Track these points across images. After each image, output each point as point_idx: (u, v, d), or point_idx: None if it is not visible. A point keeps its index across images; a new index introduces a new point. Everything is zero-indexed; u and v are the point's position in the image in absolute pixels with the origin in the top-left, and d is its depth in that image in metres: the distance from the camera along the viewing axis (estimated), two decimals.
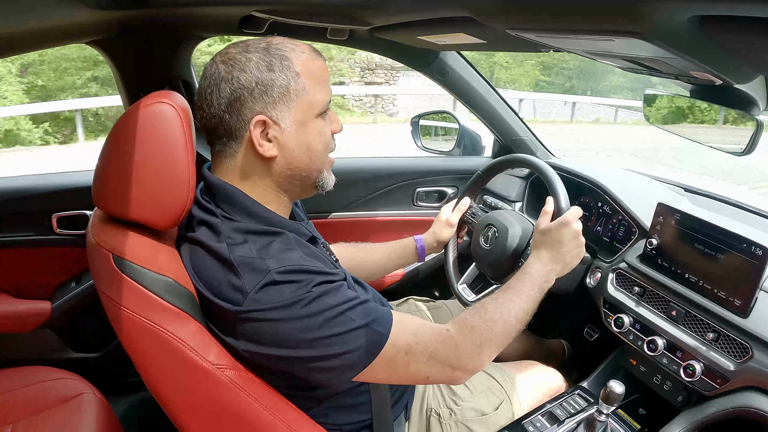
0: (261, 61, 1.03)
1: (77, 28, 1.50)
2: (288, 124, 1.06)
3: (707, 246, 1.31)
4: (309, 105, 1.08)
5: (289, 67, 1.04)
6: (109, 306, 1.06)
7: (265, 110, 1.04)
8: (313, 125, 1.10)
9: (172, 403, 1.08)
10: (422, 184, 2.30)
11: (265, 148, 1.06)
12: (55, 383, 1.56)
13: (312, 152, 1.11)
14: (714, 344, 1.25)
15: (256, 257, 1.00)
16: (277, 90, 1.04)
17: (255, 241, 1.03)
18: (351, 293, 1.04)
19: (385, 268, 1.75)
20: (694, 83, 1.19)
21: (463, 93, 2.16)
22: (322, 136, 1.12)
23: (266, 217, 1.09)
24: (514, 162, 1.70)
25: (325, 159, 1.15)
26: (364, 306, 1.03)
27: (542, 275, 1.32)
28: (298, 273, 0.99)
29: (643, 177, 1.89)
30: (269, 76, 1.03)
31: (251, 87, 1.02)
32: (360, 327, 1.01)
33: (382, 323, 1.04)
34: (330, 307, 0.99)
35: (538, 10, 1.01)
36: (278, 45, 1.06)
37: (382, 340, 1.02)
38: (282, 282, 0.97)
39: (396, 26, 1.55)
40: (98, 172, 1.06)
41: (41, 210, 1.83)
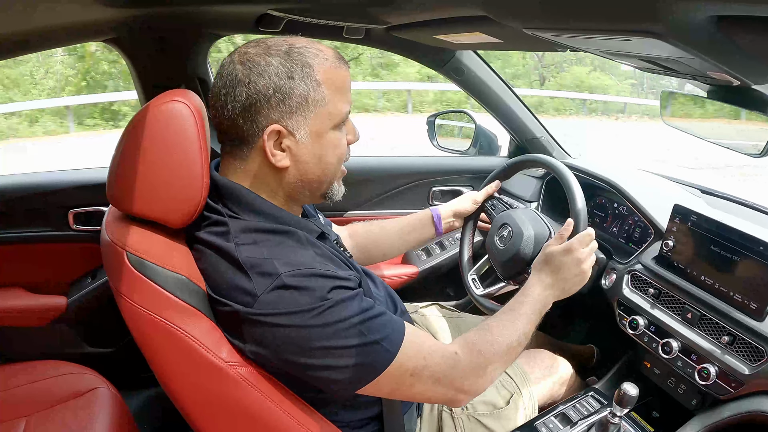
0: (281, 67, 0.99)
1: (94, 26, 1.52)
2: (303, 135, 1.03)
3: (724, 248, 1.30)
4: (327, 116, 1.04)
5: (311, 75, 1.01)
6: (123, 303, 1.07)
7: (280, 119, 1.01)
8: (330, 137, 1.07)
9: (184, 400, 1.09)
10: (438, 184, 2.30)
11: (277, 158, 1.03)
12: (69, 377, 1.57)
13: (325, 165, 1.08)
14: (729, 348, 1.24)
15: (265, 259, 0.98)
16: (295, 99, 1.00)
17: (264, 240, 1.02)
18: (366, 303, 1.02)
19: (402, 244, 1.69)
20: (711, 84, 1.18)
21: (479, 92, 2.16)
22: (337, 148, 1.09)
23: (275, 215, 1.07)
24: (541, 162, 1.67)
25: (337, 171, 1.13)
26: (377, 319, 1.02)
27: (542, 299, 1.29)
28: (311, 277, 0.98)
29: (660, 178, 1.88)
30: (288, 84, 0.99)
31: (268, 94, 0.99)
32: (370, 343, 0.99)
33: (393, 341, 1.02)
34: (343, 318, 0.97)
35: (555, 9, 1.01)
36: (301, 49, 1.01)
37: (390, 358, 1.01)
38: (293, 287, 0.96)
39: (412, 25, 1.55)
40: (112, 169, 1.07)
41: (58, 206, 1.85)
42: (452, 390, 1.10)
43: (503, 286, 1.66)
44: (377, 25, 1.58)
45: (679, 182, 1.84)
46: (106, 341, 2.00)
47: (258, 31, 1.64)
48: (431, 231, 1.69)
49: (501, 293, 1.68)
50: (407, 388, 1.05)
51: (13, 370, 1.61)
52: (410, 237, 1.69)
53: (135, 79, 1.77)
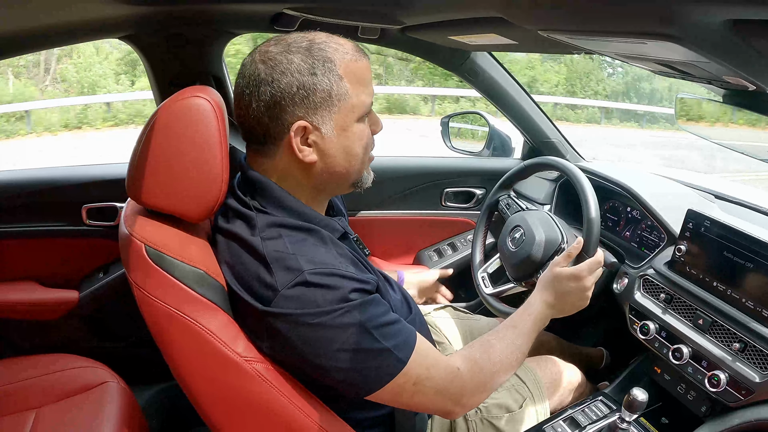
0: (303, 64, 0.99)
1: (110, 23, 1.53)
2: (329, 129, 1.04)
3: (737, 255, 1.29)
4: (351, 109, 1.05)
5: (332, 69, 1.01)
6: (140, 296, 1.07)
7: (306, 115, 1.01)
8: (354, 129, 1.07)
9: (198, 394, 1.10)
10: (451, 185, 2.30)
11: (304, 153, 1.04)
12: (79, 371, 1.58)
13: (352, 156, 1.09)
14: (740, 355, 1.23)
15: (289, 254, 0.99)
16: (319, 95, 1.00)
17: (288, 236, 1.03)
18: (381, 308, 1.03)
19: None
20: (727, 88, 1.17)
21: (493, 94, 2.15)
22: (363, 139, 1.10)
23: (301, 211, 1.08)
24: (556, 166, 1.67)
25: (365, 160, 1.13)
26: (392, 327, 1.02)
27: (542, 318, 1.30)
28: (332, 276, 0.98)
29: (673, 182, 1.86)
30: (311, 80, 1.00)
31: (292, 91, 0.99)
32: (383, 350, 0.99)
33: (404, 349, 1.02)
34: (359, 322, 0.98)
35: (571, 11, 1.00)
36: (321, 45, 1.02)
37: (400, 366, 1.01)
38: (314, 284, 0.96)
39: (428, 25, 1.55)
40: (132, 164, 1.07)
41: (72, 201, 1.87)
42: (450, 402, 1.10)
43: (512, 287, 1.67)
44: (393, 25, 1.58)
45: (692, 187, 1.83)
46: (117, 336, 2.01)
47: (273, 30, 1.65)
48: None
49: (509, 294, 1.68)
50: (408, 397, 1.06)
51: (25, 362, 1.63)
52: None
53: (150, 76, 1.79)
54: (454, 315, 1.80)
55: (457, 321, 1.76)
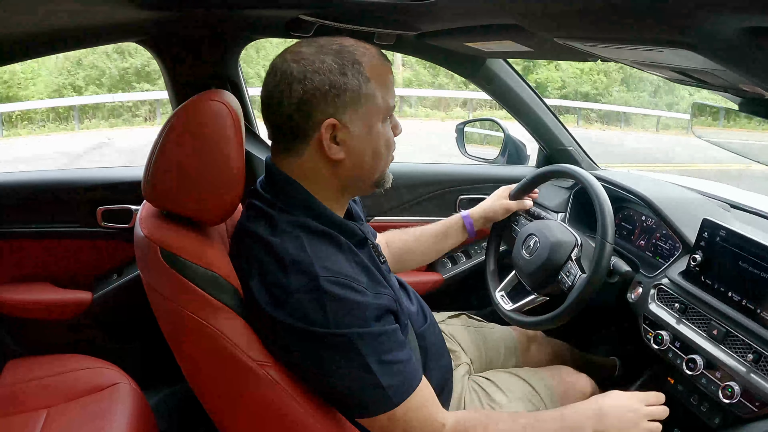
0: (335, 64, 1.03)
1: (128, 26, 1.55)
2: (357, 128, 1.06)
3: (753, 265, 1.28)
4: (377, 109, 1.08)
5: (361, 71, 1.04)
6: (155, 299, 1.08)
7: (335, 114, 1.04)
8: (379, 129, 1.10)
9: (211, 397, 1.11)
10: (466, 192, 2.30)
11: (333, 150, 1.06)
12: (91, 372, 1.60)
13: (377, 156, 1.12)
14: (754, 366, 1.22)
15: (306, 256, 1.01)
16: (348, 94, 1.04)
17: (307, 238, 1.04)
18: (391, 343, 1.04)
19: (436, 251, 1.74)
20: (744, 96, 1.17)
21: (508, 101, 2.15)
22: (386, 139, 1.13)
23: (323, 213, 1.10)
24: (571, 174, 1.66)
25: (387, 160, 1.17)
26: (395, 366, 1.03)
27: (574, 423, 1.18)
28: (346, 289, 1.00)
29: (689, 191, 1.85)
30: (342, 80, 1.03)
31: (324, 90, 1.02)
32: (377, 385, 1.01)
33: (399, 392, 1.03)
34: (363, 352, 0.99)
35: (588, 19, 1.01)
36: (350, 48, 1.06)
37: (388, 407, 1.02)
38: (328, 293, 0.98)
39: (443, 32, 1.56)
40: (149, 167, 1.08)
41: (87, 203, 1.89)
42: None
43: (533, 298, 1.66)
44: (408, 32, 1.59)
45: (708, 196, 1.82)
46: (129, 337, 2.03)
47: (289, 35, 1.66)
48: (464, 236, 1.73)
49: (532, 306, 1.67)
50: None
51: (37, 362, 1.64)
52: (444, 244, 1.73)
53: (167, 80, 1.80)
54: (468, 323, 1.79)
55: (471, 329, 1.76)
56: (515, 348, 1.78)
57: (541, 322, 1.54)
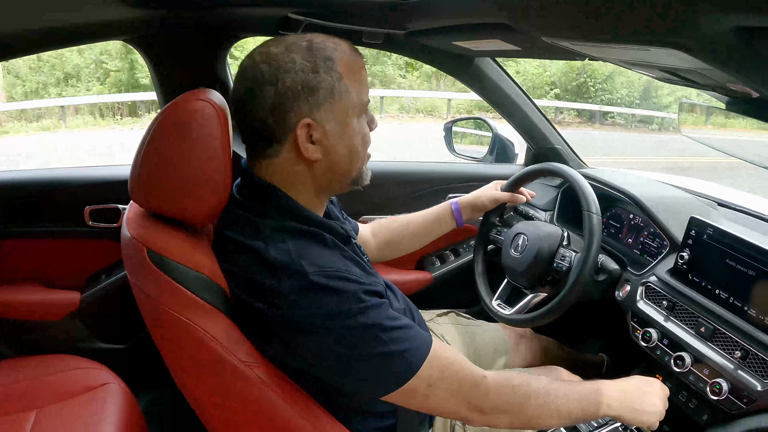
0: (305, 62, 1.01)
1: (116, 25, 1.54)
2: (332, 126, 1.05)
3: (740, 263, 1.29)
4: (351, 105, 1.06)
5: (333, 68, 1.03)
6: (142, 300, 1.07)
7: (310, 113, 1.02)
8: (355, 125, 1.09)
9: (200, 398, 1.10)
10: (454, 190, 2.30)
11: (310, 151, 1.04)
12: (80, 372, 1.59)
13: (353, 152, 1.11)
14: (742, 363, 1.23)
15: (293, 259, 0.99)
16: (322, 92, 1.02)
17: (292, 240, 1.02)
18: (392, 313, 1.03)
19: (423, 239, 1.72)
20: (731, 95, 1.17)
21: (497, 100, 2.16)
22: (362, 135, 1.12)
23: (304, 215, 1.08)
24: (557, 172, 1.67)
25: (364, 157, 1.15)
26: (403, 331, 1.02)
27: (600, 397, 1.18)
28: (338, 280, 0.98)
29: (676, 189, 1.86)
30: (314, 78, 1.01)
31: (297, 90, 1.00)
32: (393, 353, 0.99)
33: (417, 352, 1.01)
34: (368, 326, 0.98)
35: (576, 19, 1.01)
36: (320, 44, 1.04)
37: (413, 370, 1.00)
38: (320, 287, 0.96)
39: (432, 31, 1.56)
40: (135, 166, 1.07)
41: (74, 202, 1.88)
42: (466, 408, 1.07)
43: (531, 297, 1.66)
44: (397, 30, 1.59)
45: (696, 194, 1.83)
46: (119, 338, 2.02)
47: (277, 33, 1.65)
48: (452, 224, 1.71)
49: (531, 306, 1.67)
50: (421, 399, 1.05)
51: (26, 362, 1.63)
52: (432, 230, 1.72)
53: (155, 79, 1.79)
54: (457, 321, 1.79)
55: (460, 327, 1.76)
56: (505, 345, 1.78)
57: (547, 312, 1.52)
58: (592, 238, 1.45)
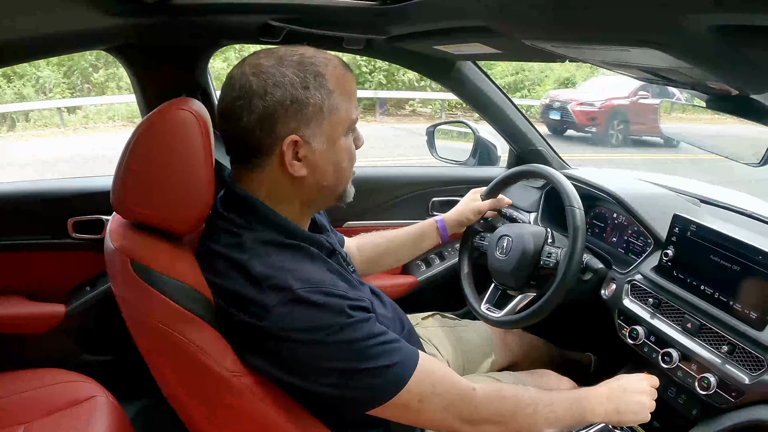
0: (296, 78, 1.00)
1: (96, 34, 1.52)
2: (319, 143, 1.04)
3: (723, 258, 1.30)
4: (339, 122, 1.06)
5: (323, 84, 1.02)
6: (127, 311, 1.06)
7: (298, 129, 1.01)
8: (342, 142, 1.08)
9: (187, 409, 1.09)
10: (437, 194, 2.30)
11: (295, 167, 1.03)
12: (67, 386, 1.56)
13: (340, 170, 1.10)
14: (729, 357, 1.24)
15: (278, 272, 0.98)
16: (311, 108, 1.01)
17: (277, 254, 1.02)
18: (378, 328, 1.02)
19: (408, 254, 1.72)
20: (711, 93, 1.19)
21: (478, 103, 2.16)
22: (349, 152, 1.11)
23: (288, 228, 1.07)
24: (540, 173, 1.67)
25: (350, 174, 1.14)
26: (390, 345, 1.01)
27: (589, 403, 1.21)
28: (323, 295, 0.98)
29: (659, 188, 1.88)
30: (304, 94, 1.00)
31: (286, 104, 0.99)
32: (381, 368, 0.98)
33: (405, 367, 1.01)
34: (355, 340, 0.97)
35: (556, 21, 1.01)
36: (311, 59, 1.03)
37: (401, 384, 1.00)
38: (306, 302, 0.96)
39: (412, 35, 1.56)
40: (117, 177, 1.06)
41: (57, 214, 1.85)
42: (458, 421, 1.08)
43: (521, 298, 1.65)
44: (378, 35, 1.59)
45: (678, 192, 1.84)
46: (105, 350, 1.99)
47: (258, 41, 1.65)
48: (437, 240, 1.72)
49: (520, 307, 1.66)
50: (415, 414, 1.05)
51: (12, 377, 1.60)
52: (417, 247, 1.72)
53: (136, 88, 1.78)
54: (442, 323, 1.79)
55: (446, 330, 1.75)
56: (492, 345, 1.78)
57: (537, 309, 1.52)
58: (577, 233, 1.46)
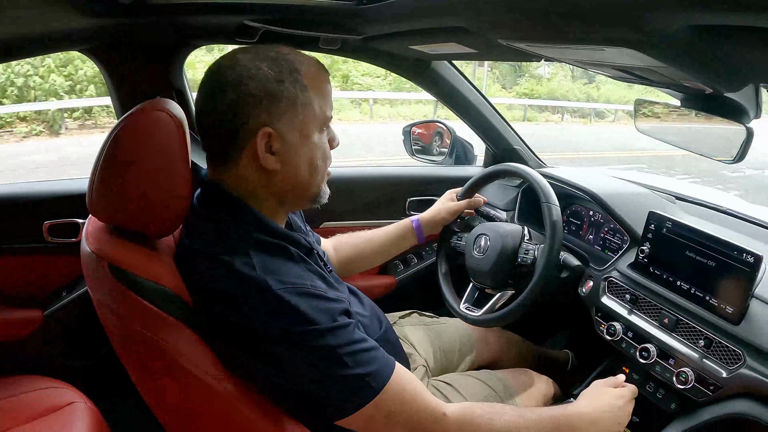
0: (270, 71, 1.00)
1: (70, 35, 1.50)
2: (293, 137, 1.04)
3: (699, 254, 1.32)
4: (313, 119, 1.06)
5: (298, 80, 1.02)
6: (105, 315, 1.05)
7: (271, 122, 1.01)
8: (316, 139, 1.08)
9: (167, 413, 1.08)
10: (415, 194, 2.30)
11: (268, 161, 1.03)
12: (45, 392, 1.54)
13: (314, 167, 1.09)
14: (706, 351, 1.25)
15: (258, 273, 0.97)
16: (284, 102, 1.01)
17: (256, 254, 1.01)
18: (357, 335, 1.01)
19: (384, 255, 1.73)
20: (685, 92, 1.20)
21: (454, 102, 2.17)
22: (323, 150, 1.11)
23: (268, 227, 1.07)
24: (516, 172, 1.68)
25: (324, 173, 1.14)
26: (366, 354, 1.01)
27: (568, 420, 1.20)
28: (304, 296, 0.97)
29: (634, 185, 1.90)
30: (278, 88, 1.00)
31: (260, 97, 0.99)
32: (354, 376, 0.98)
33: (378, 378, 1.00)
34: (332, 346, 0.96)
35: (530, 21, 1.02)
36: (287, 56, 1.04)
37: (370, 396, 0.99)
38: (287, 304, 0.95)
39: (388, 35, 1.56)
40: (93, 179, 1.04)
41: (33, 218, 1.82)
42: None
43: (499, 296, 1.65)
44: (353, 36, 1.58)
45: (653, 189, 1.86)
46: (83, 355, 1.96)
47: (234, 41, 1.64)
48: (413, 241, 1.73)
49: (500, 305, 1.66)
50: (379, 430, 1.04)
51: None
52: (393, 248, 1.73)
53: (111, 89, 1.75)
54: (420, 321, 1.79)
55: (423, 327, 1.76)
56: (471, 342, 1.79)
57: (516, 306, 1.52)
58: (554, 228, 1.47)
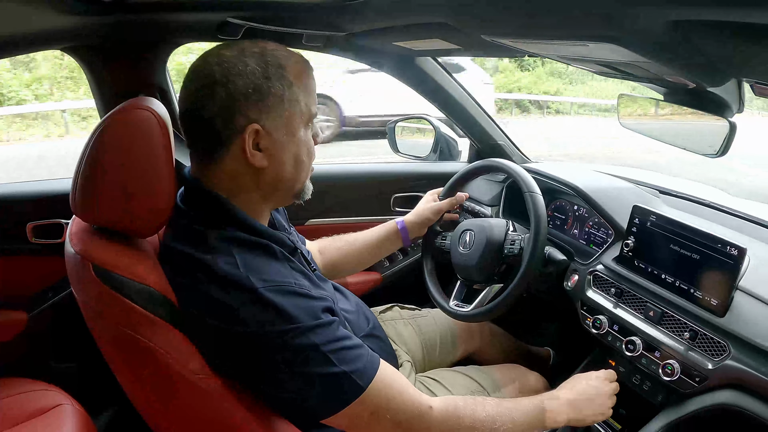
0: (258, 68, 1.00)
1: (51, 34, 1.48)
2: (280, 134, 1.04)
3: (683, 247, 1.33)
4: (299, 115, 1.06)
5: (284, 75, 1.02)
6: (90, 316, 1.04)
7: (258, 119, 1.01)
8: (301, 135, 1.08)
9: (154, 413, 1.07)
10: (399, 190, 2.30)
11: (256, 157, 1.03)
12: (31, 395, 1.52)
13: (299, 162, 1.10)
14: (691, 343, 1.27)
15: (241, 272, 0.97)
16: (272, 98, 1.01)
17: (239, 253, 1.00)
18: (341, 332, 1.02)
19: (370, 258, 1.72)
20: (668, 86, 1.21)
21: (439, 98, 2.17)
22: (308, 146, 1.11)
23: (251, 226, 1.06)
24: (500, 167, 1.68)
25: (309, 169, 1.14)
26: (351, 351, 1.01)
27: (551, 409, 1.25)
28: (288, 294, 0.97)
29: (618, 180, 1.91)
30: (266, 84, 1.00)
31: (247, 93, 0.99)
32: (339, 374, 0.98)
33: (363, 375, 1.01)
34: (316, 344, 0.97)
35: (514, 17, 1.02)
36: (273, 52, 1.04)
37: (356, 393, 1.00)
38: (270, 303, 0.95)
39: (372, 32, 1.56)
40: (76, 179, 1.03)
41: (16, 219, 1.80)
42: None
43: (486, 290, 1.65)
44: (337, 32, 1.58)
45: (637, 183, 1.88)
46: (69, 357, 1.94)
47: (217, 38, 1.63)
48: (399, 244, 1.73)
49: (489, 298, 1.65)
50: (365, 426, 1.05)
51: None
52: (378, 250, 1.72)
53: (93, 89, 1.73)
54: (401, 315, 1.80)
55: (405, 321, 1.77)
56: (453, 333, 1.80)
57: (506, 297, 1.51)
58: (539, 217, 1.47)
